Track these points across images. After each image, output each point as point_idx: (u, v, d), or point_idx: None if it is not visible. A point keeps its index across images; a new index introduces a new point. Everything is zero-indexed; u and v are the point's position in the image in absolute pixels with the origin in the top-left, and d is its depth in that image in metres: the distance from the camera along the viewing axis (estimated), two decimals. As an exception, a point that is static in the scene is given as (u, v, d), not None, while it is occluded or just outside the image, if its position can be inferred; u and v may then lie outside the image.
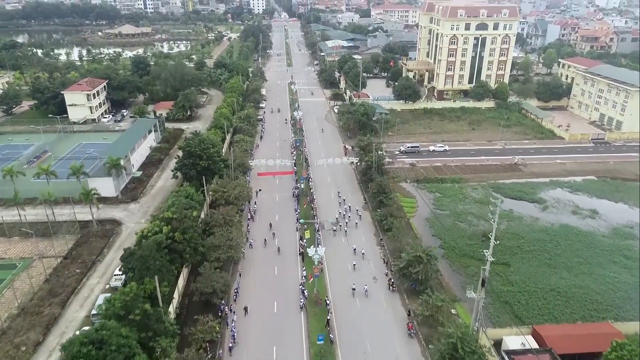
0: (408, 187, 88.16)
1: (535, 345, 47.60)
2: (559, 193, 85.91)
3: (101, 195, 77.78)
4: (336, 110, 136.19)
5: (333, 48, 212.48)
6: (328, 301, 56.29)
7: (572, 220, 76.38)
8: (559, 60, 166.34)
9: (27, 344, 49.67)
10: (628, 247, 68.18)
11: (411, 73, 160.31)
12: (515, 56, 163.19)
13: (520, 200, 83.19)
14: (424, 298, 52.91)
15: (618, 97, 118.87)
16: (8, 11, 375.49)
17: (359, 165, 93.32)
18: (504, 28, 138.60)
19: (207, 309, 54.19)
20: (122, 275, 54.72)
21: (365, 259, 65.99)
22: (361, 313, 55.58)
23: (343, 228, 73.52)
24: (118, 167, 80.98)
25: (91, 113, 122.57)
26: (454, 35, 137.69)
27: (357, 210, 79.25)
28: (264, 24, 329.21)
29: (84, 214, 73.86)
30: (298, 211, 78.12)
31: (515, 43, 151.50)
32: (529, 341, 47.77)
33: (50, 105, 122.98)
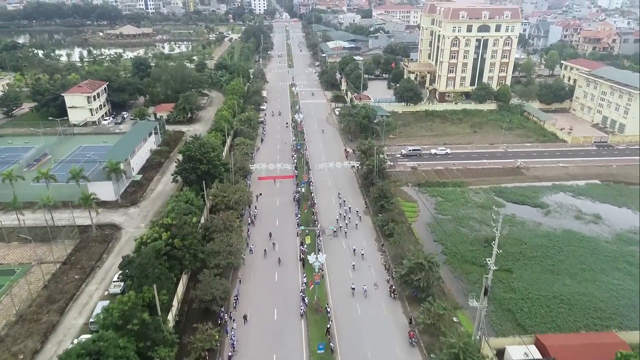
0: (409, 191, 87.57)
1: (538, 355, 46.94)
2: (562, 197, 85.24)
3: (101, 199, 77.37)
4: (337, 112, 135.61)
5: (334, 49, 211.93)
6: (329, 308, 55.75)
7: (575, 225, 75.73)
8: (561, 61, 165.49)
9: (25, 353, 49.24)
10: (632, 254, 67.47)
11: (413, 75, 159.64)
12: (517, 57, 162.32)
13: (522, 204, 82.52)
14: (426, 306, 52.39)
15: (621, 100, 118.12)
16: (9, 11, 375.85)
17: (360, 169, 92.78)
18: (506, 30, 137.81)
19: (207, 316, 53.74)
20: (121, 282, 54.24)
21: (364, 260, 66.21)
22: (362, 320, 55.03)
23: (343, 229, 73.64)
24: (118, 171, 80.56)
25: (91, 115, 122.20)
26: (456, 37, 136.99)
27: (357, 211, 79.45)
28: (265, 25, 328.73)
29: (84, 219, 73.43)
30: (299, 216, 77.60)
31: (517, 44, 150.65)
32: (532, 351, 47.12)
33: (50, 107, 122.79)
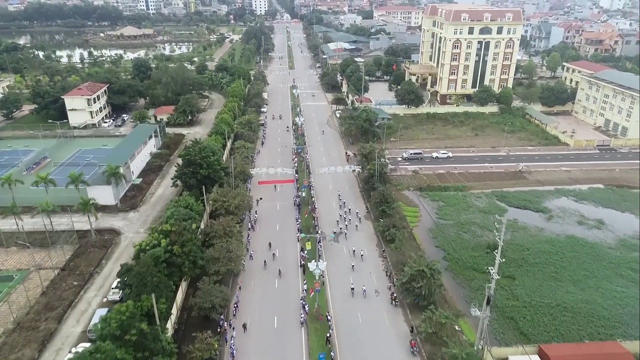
0: (411, 196, 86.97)
1: (541, 365, 46.43)
2: (564, 202, 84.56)
3: (100, 204, 76.89)
4: (338, 115, 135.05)
5: (335, 51, 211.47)
6: (329, 317, 55.15)
7: (578, 230, 75.05)
8: (563, 63, 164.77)
9: (22, 361, 48.75)
10: (635, 260, 66.69)
11: (414, 77, 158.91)
12: (518, 59, 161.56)
13: (524, 209, 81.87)
14: (428, 314, 51.77)
15: (624, 103, 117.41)
16: (10, 12, 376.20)
17: (361, 173, 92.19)
18: (508, 32, 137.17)
19: (206, 324, 53.17)
20: (120, 290, 53.73)
21: (364, 262, 66.70)
22: (363, 329, 54.42)
23: (343, 231, 73.90)
24: (117, 175, 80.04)
25: (91, 118, 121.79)
26: (458, 39, 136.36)
27: (357, 212, 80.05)
28: (266, 26, 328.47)
29: (83, 223, 72.97)
30: (299, 221, 77.03)
31: (518, 46, 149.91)
32: (535, 361, 46.59)
33: (50, 109, 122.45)
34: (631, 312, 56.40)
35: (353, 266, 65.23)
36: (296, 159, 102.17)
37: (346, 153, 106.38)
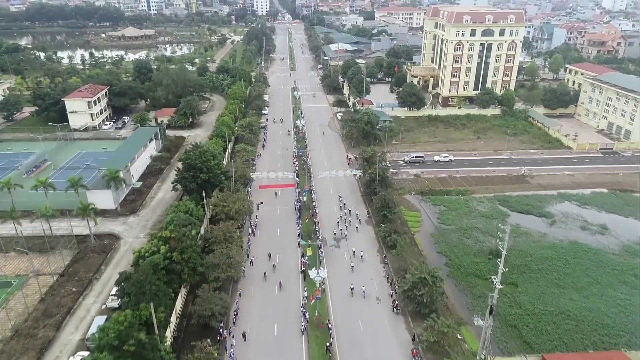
0: (412, 200, 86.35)
1: (545, 376, 45.84)
2: (567, 207, 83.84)
3: (100, 208, 76.46)
4: (339, 117, 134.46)
5: (337, 52, 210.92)
6: (330, 324, 54.57)
7: (581, 236, 74.36)
8: (566, 65, 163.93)
9: (20, 370, 48.33)
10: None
11: (415, 79, 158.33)
12: (520, 61, 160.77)
13: (527, 214, 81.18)
14: (429, 323, 51.16)
15: (627, 106, 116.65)
16: (12, 13, 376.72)
17: (363, 177, 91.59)
18: (510, 34, 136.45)
19: (206, 332, 52.65)
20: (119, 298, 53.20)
21: (365, 265, 67.04)
22: (364, 337, 53.82)
23: (344, 232, 74.21)
24: (117, 179, 79.56)
25: (92, 120, 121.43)
26: (460, 41, 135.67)
27: (357, 214, 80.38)
28: (268, 26, 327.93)
29: (82, 228, 72.49)
30: (300, 225, 76.48)
31: (520, 47, 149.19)
32: (539, 371, 46.01)
33: (51, 112, 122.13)
34: (635, 321, 55.72)
35: (352, 267, 65.79)
36: (297, 163, 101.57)
37: (347, 156, 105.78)
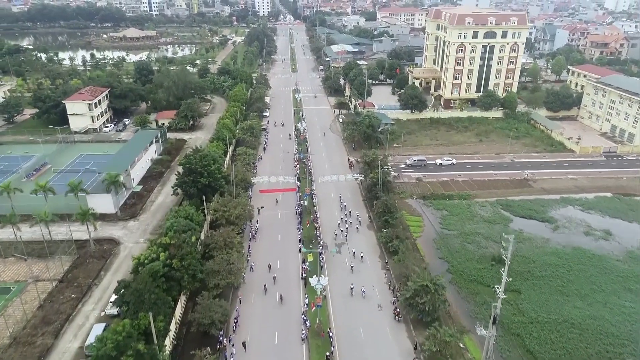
0: (414, 204, 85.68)
1: (549, 386, 45.17)
2: (571, 211, 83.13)
3: (100, 212, 76.00)
4: (341, 119, 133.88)
5: (338, 53, 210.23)
6: (331, 333, 53.99)
7: (585, 242, 73.66)
8: (569, 67, 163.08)
9: (18, 379, 47.85)
10: (644, 273, 65.46)
11: (417, 81, 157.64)
12: (523, 62, 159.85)
13: (530, 219, 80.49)
14: (432, 332, 50.58)
15: (630, 109, 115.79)
16: (14, 13, 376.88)
17: (364, 181, 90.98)
18: (513, 36, 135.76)
19: (205, 340, 52.16)
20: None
21: (363, 262, 67.75)
22: (365, 346, 53.25)
23: (344, 234, 74.58)
24: (117, 183, 79.10)
25: (93, 122, 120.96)
26: (462, 43, 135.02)
27: (358, 215, 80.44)
28: (269, 27, 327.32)
29: (82, 232, 72.01)
30: (301, 230, 75.91)
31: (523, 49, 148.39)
32: (543, 382, 45.34)
33: (51, 114, 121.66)
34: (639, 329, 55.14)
35: (352, 267, 66.35)
36: (298, 166, 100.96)
37: (349, 160, 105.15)
